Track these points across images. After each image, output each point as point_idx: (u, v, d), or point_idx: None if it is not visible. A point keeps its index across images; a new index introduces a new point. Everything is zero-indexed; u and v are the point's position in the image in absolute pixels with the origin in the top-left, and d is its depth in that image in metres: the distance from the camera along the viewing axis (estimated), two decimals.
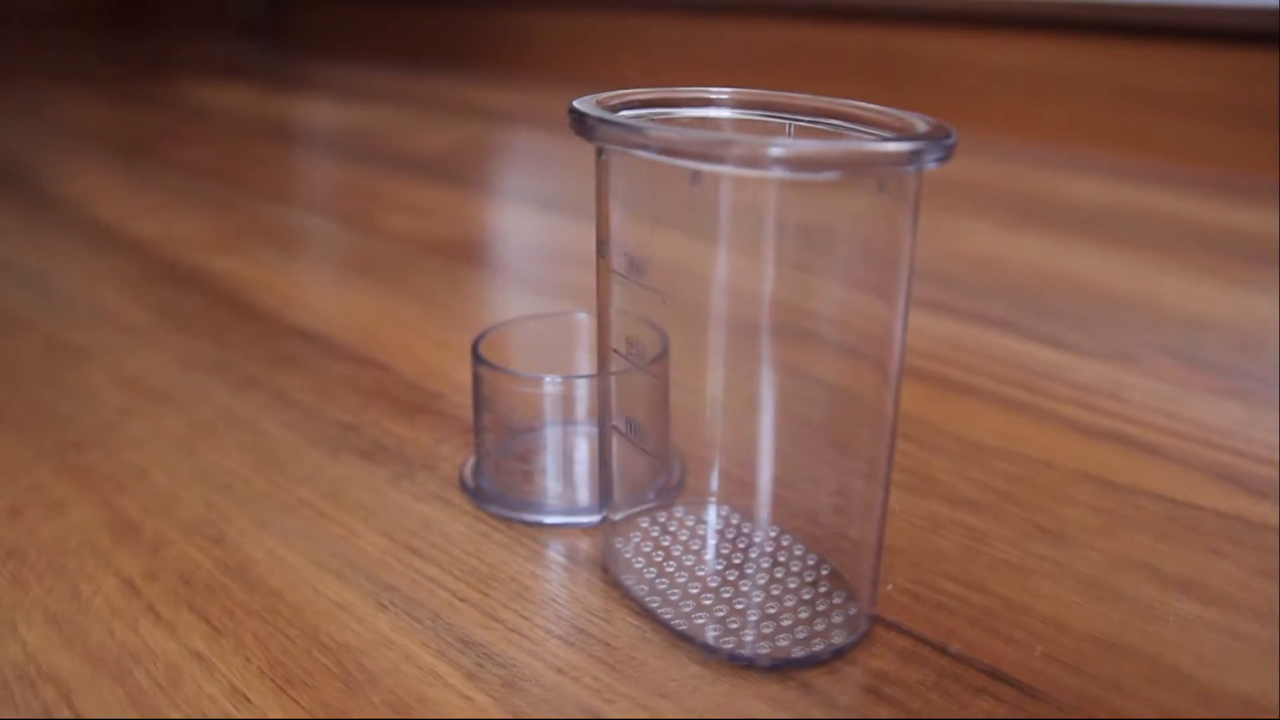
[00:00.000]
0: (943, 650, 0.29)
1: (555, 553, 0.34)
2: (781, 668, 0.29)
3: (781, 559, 0.33)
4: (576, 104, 0.29)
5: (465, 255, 0.72)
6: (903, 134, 0.26)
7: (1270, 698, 0.28)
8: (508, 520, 0.36)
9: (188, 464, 0.40)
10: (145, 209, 0.82)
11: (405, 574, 0.33)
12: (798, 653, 0.29)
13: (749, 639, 0.30)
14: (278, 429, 0.43)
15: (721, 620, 0.30)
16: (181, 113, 1.34)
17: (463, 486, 0.38)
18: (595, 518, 0.36)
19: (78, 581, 0.33)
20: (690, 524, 0.35)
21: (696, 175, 0.26)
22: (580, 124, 0.28)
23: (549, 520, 0.36)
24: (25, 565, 0.33)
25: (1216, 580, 0.33)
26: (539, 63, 1.64)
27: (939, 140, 0.24)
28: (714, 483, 0.35)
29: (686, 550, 0.33)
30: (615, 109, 0.30)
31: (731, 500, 0.35)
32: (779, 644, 0.29)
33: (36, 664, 0.29)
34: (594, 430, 0.39)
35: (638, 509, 0.35)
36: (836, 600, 0.31)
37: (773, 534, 0.34)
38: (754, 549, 0.33)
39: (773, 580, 0.32)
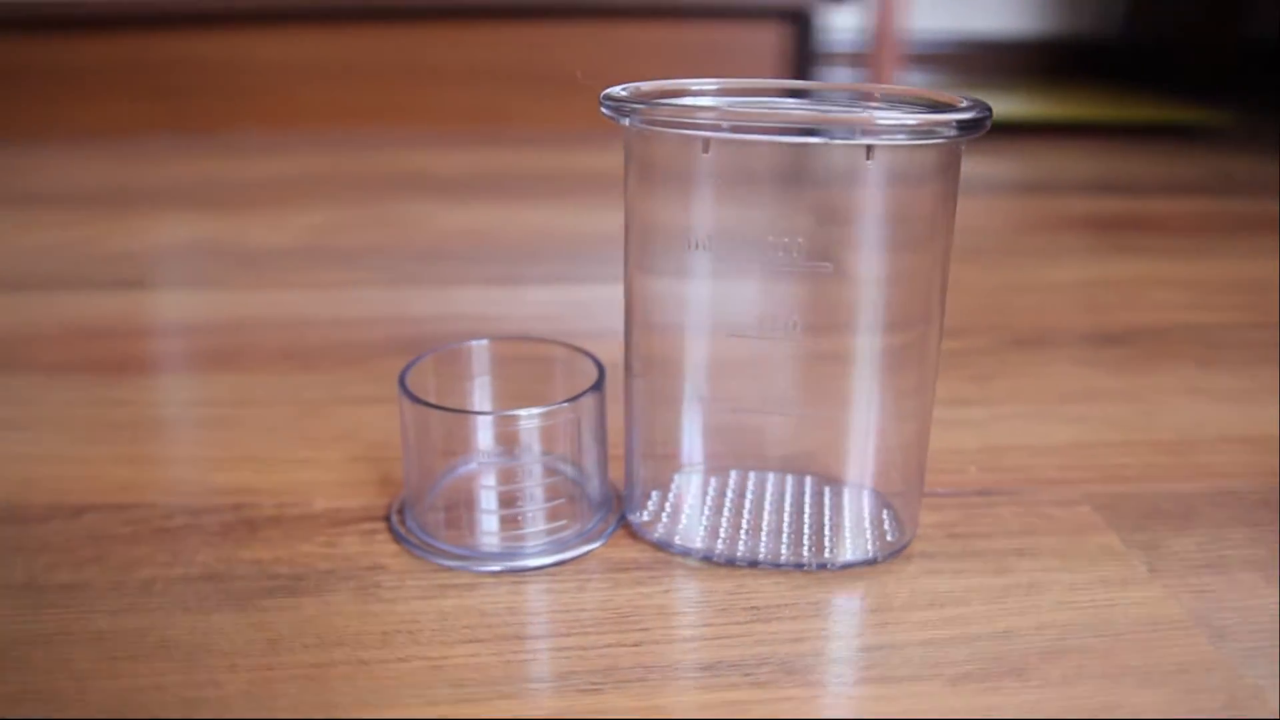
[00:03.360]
0: (935, 494, 0.38)
1: (619, 571, 0.33)
2: (896, 554, 0.34)
3: (816, 490, 0.37)
4: (666, 100, 0.28)
5: (21, 361, 0.52)
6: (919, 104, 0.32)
7: (1087, 439, 0.43)
8: (542, 569, 0.33)
9: (98, 700, 0.27)
10: None
11: (557, 659, 0.29)
12: (893, 538, 0.35)
13: (852, 547, 0.34)
14: (121, 617, 0.31)
15: (820, 546, 0.34)
16: None
17: (444, 556, 0.33)
18: (610, 529, 0.35)
19: None
20: (710, 494, 0.37)
21: (870, 150, 0.29)
22: (690, 117, 0.28)
23: (593, 547, 0.34)
24: None
25: (980, 395, 0.47)
26: None
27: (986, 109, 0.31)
28: (701, 452, 0.37)
29: (731, 510, 0.36)
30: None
31: (731, 462, 0.38)
32: (874, 544, 0.35)
33: None
34: (542, 454, 0.37)
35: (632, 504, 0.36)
36: (887, 503, 0.36)
37: (773, 478, 0.38)
38: (779, 493, 0.37)
39: (834, 506, 0.36)
